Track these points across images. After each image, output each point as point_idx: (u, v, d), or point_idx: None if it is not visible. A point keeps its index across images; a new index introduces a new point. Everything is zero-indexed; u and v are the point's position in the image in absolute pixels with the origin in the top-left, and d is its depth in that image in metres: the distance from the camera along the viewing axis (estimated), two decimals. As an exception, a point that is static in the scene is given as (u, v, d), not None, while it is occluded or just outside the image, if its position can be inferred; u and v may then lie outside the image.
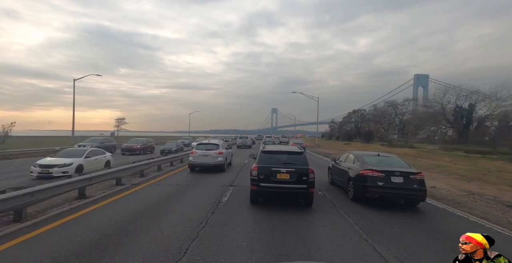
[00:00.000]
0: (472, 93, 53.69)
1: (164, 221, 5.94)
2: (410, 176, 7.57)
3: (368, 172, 7.75)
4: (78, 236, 4.90)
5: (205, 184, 10.47)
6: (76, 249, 4.35)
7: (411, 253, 4.65)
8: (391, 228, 5.99)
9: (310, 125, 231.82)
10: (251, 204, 7.49)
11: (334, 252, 4.58)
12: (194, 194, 8.74)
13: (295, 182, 7.10)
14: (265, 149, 8.00)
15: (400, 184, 7.51)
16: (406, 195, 7.64)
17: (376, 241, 5.11)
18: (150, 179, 11.15)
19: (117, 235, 5.03)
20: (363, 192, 7.80)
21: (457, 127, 54.58)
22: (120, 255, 4.20)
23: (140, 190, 9.13)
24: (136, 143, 25.70)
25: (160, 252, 4.32)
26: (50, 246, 4.48)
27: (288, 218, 6.35)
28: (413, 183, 7.49)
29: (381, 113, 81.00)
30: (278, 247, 4.69)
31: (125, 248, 4.46)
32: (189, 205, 7.38)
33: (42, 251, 4.26)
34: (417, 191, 7.47)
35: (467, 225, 6.51)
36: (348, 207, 7.63)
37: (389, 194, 7.57)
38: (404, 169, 7.95)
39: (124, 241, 4.76)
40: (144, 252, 4.31)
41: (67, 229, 5.30)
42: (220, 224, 5.80)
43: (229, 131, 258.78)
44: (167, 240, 4.83)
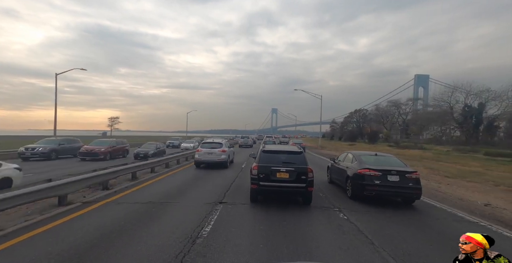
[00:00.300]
0: (482, 92, 51.33)
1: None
2: (406, 175, 7.77)
3: (366, 171, 7.96)
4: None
5: (186, 200, 7.70)
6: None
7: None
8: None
9: (309, 126, 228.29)
10: (251, 202, 7.47)
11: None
12: (163, 220, 5.89)
13: (294, 180, 7.19)
14: (265, 148, 8.05)
15: (396, 182, 7.71)
16: (402, 193, 7.87)
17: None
18: (116, 193, 8.28)
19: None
20: (360, 190, 8.01)
21: (466, 127, 52.11)
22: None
23: (88, 214, 6.22)
24: (100, 145, 19.18)
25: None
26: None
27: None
28: (408, 182, 7.72)
29: (384, 113, 78.74)
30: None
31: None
32: (149, 243, 4.55)
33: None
34: (412, 189, 7.69)
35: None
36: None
37: (386, 192, 7.77)
38: (400, 168, 8.11)
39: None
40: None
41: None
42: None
43: (228, 131, 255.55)
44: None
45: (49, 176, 9.27)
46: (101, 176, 8.41)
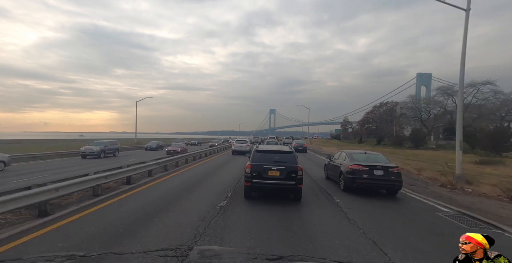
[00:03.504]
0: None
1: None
2: (389, 169, 9.12)
3: (356, 166, 9.28)
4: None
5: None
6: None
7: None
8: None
9: (303, 126, 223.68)
10: (245, 199, 8.20)
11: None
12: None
13: (285, 178, 7.79)
14: (258, 148, 8.65)
15: (380, 176, 9.05)
16: (386, 185, 9.20)
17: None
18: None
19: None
20: (351, 183, 9.34)
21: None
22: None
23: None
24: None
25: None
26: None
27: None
28: (391, 175, 9.04)
29: (428, 105, 53.72)
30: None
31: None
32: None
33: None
34: (394, 181, 9.02)
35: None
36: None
37: (372, 184, 9.13)
38: (384, 163, 9.48)
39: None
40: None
41: None
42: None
43: (225, 132, 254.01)
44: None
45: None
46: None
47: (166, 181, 11.40)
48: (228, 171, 14.76)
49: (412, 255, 4.59)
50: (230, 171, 14.72)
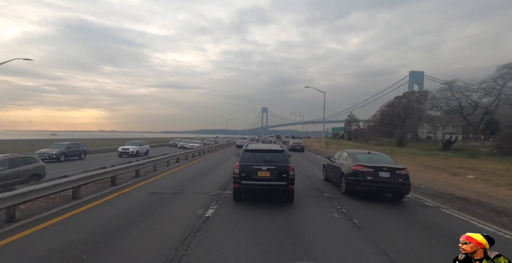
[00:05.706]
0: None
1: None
2: (396, 171, 8.23)
3: (359, 168, 8.43)
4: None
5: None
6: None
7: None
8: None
9: (299, 125, 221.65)
10: (234, 201, 7.71)
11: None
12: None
13: (275, 179, 7.31)
14: (248, 147, 8.24)
15: (387, 178, 8.17)
16: (392, 188, 8.34)
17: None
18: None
19: None
20: (354, 186, 8.49)
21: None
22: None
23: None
24: None
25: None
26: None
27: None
28: (398, 177, 8.16)
29: (458, 96, 42.32)
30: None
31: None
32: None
33: None
34: (402, 184, 8.14)
35: None
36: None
37: (377, 187, 8.25)
38: (390, 164, 8.59)
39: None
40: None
41: None
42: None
43: (217, 131, 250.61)
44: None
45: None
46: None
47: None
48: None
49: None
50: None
